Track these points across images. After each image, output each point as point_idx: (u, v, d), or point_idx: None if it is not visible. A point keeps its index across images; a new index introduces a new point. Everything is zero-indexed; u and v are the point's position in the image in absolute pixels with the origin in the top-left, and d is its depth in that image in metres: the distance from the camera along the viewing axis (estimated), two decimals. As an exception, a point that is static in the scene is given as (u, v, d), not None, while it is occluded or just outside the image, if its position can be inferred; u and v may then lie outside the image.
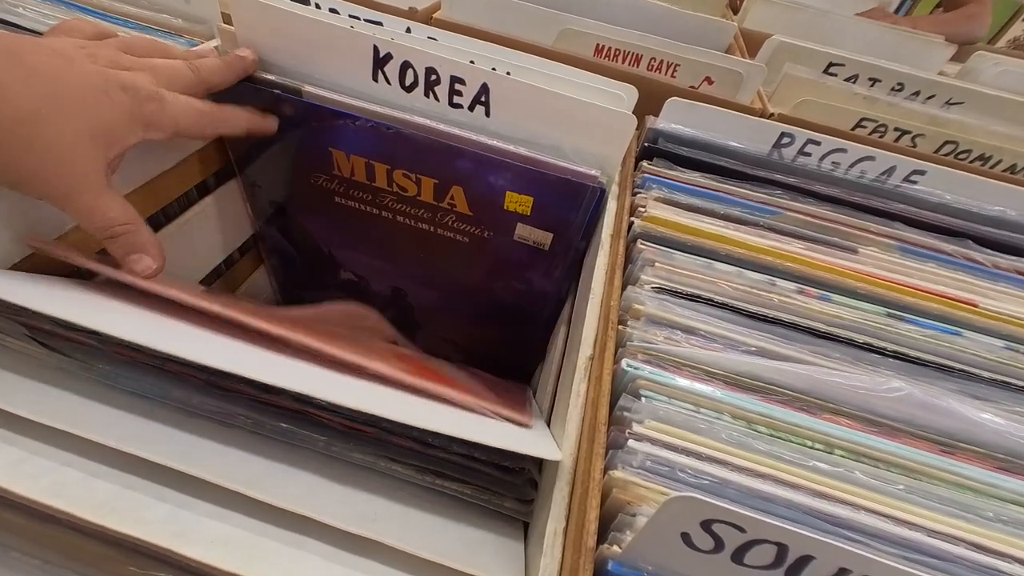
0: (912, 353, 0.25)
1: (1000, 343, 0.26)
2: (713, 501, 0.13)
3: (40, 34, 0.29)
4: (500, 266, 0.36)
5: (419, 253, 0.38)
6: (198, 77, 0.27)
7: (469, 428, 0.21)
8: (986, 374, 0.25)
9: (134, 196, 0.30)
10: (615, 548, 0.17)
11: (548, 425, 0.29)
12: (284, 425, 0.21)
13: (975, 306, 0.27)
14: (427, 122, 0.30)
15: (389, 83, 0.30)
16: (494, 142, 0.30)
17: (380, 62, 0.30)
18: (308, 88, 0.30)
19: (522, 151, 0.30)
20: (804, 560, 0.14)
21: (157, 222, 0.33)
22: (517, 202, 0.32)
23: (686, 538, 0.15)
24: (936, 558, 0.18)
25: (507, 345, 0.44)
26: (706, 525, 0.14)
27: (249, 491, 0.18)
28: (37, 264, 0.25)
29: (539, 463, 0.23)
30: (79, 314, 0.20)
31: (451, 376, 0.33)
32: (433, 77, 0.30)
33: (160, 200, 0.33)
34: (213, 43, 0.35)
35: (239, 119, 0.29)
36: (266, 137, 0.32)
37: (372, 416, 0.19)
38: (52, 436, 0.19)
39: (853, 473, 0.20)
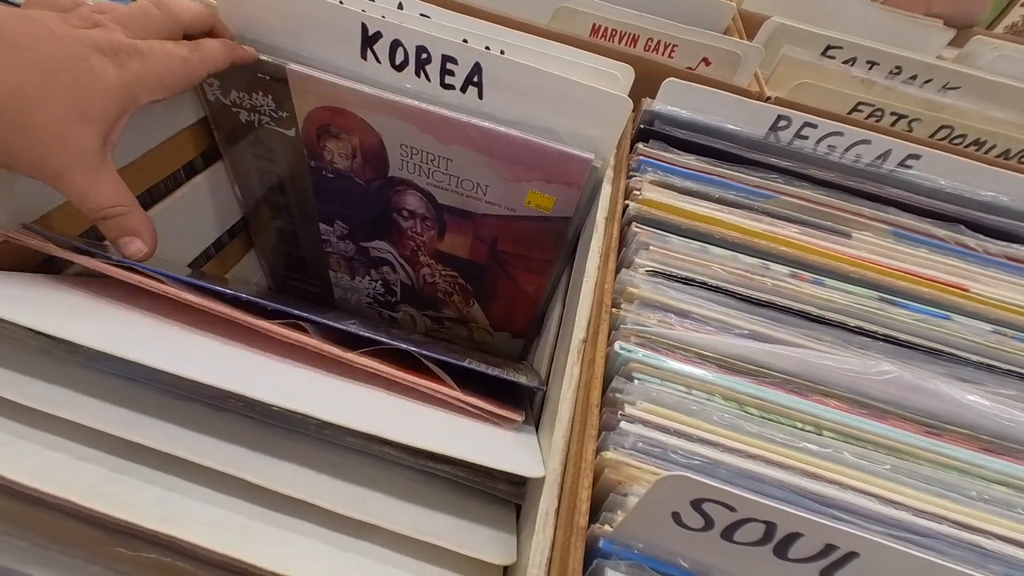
0: (902, 337, 0.25)
1: (988, 327, 0.26)
2: (703, 480, 0.14)
3: (17, 6, 0.27)
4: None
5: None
6: (167, 14, 0.26)
7: (454, 437, 0.21)
8: (974, 357, 0.25)
9: (119, 176, 0.29)
10: (606, 527, 0.17)
11: (542, 407, 0.29)
12: (276, 408, 0.21)
13: (965, 291, 0.27)
14: (418, 104, 0.29)
15: (379, 61, 0.30)
16: (486, 123, 0.29)
17: (369, 40, 0.29)
18: (293, 67, 0.29)
19: (515, 133, 0.29)
20: (792, 537, 0.14)
21: (144, 203, 0.32)
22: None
23: (676, 517, 0.15)
24: (920, 535, 0.18)
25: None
26: (696, 504, 0.14)
27: (240, 473, 0.18)
28: (14, 250, 0.25)
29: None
30: (49, 321, 0.19)
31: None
32: (424, 56, 0.29)
33: (146, 180, 0.32)
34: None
35: (221, 56, 0.27)
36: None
37: (358, 432, 0.19)
38: (37, 419, 0.19)
39: (842, 454, 0.20)
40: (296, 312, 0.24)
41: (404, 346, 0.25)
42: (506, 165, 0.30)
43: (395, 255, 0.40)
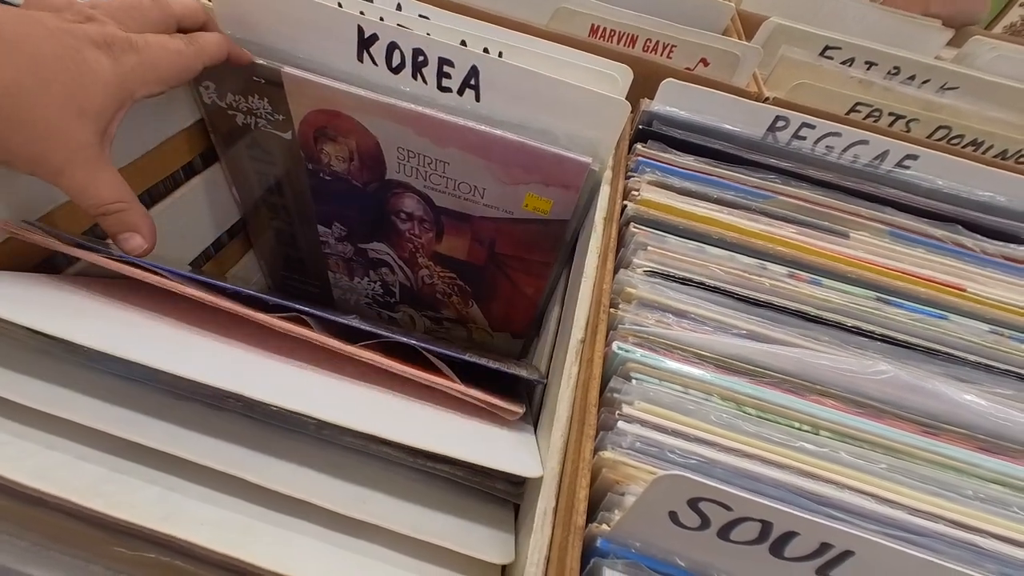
0: (899, 336, 0.25)
1: (985, 327, 0.26)
2: (700, 480, 0.14)
3: (16, 6, 0.28)
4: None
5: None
6: (160, 8, 0.26)
7: (453, 437, 0.21)
8: (971, 357, 0.25)
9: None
10: (604, 527, 0.17)
11: (541, 406, 0.29)
12: (274, 408, 0.21)
13: (963, 291, 0.28)
14: (415, 107, 0.29)
15: (375, 64, 0.30)
16: (483, 127, 0.29)
17: (365, 43, 0.29)
18: (288, 70, 0.29)
19: (512, 136, 0.29)
20: (787, 536, 0.14)
21: (143, 203, 0.32)
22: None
23: (673, 516, 0.15)
24: (917, 534, 0.18)
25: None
26: (693, 503, 0.14)
27: (239, 472, 0.18)
28: (14, 250, 0.25)
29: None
30: (48, 321, 0.19)
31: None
32: (421, 58, 0.29)
33: (145, 181, 0.32)
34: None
35: (215, 48, 0.27)
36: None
37: (357, 431, 0.19)
38: (37, 419, 0.19)
39: (838, 453, 0.20)
40: (297, 306, 0.24)
41: (405, 339, 0.25)
42: (503, 168, 0.30)
43: (393, 257, 0.41)
